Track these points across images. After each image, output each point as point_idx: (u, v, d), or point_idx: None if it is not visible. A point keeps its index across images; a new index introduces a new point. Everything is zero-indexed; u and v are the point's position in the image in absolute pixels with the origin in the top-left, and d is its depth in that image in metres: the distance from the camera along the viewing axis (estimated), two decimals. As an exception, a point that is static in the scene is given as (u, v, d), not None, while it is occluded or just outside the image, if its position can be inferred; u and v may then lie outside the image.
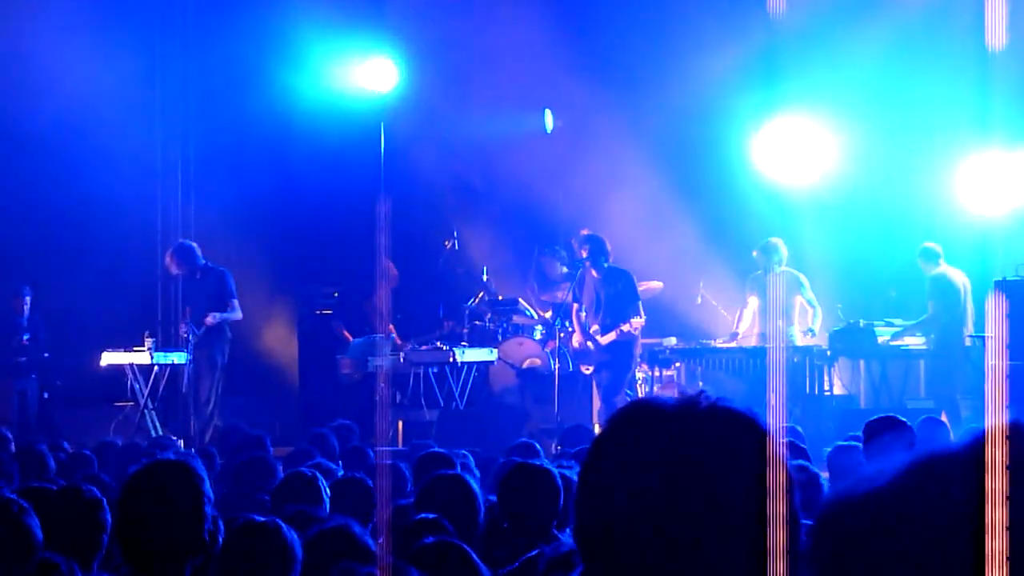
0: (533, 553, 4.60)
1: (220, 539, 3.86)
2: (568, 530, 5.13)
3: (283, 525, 4.17)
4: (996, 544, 1.36)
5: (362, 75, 15.70)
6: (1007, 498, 1.41)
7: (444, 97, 16.36)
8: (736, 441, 1.73)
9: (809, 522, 1.65)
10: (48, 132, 15.29)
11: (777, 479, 1.68)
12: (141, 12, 16.66)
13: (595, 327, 13.75)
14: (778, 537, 1.65)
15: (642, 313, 13.74)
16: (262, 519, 4.21)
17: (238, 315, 14.06)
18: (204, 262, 14.09)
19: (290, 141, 16.56)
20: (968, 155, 15.24)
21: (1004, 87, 14.29)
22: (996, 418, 1.51)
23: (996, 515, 1.38)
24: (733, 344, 14.59)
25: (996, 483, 1.41)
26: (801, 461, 6.65)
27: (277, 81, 16.22)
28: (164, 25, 16.90)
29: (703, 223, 16.20)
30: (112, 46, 15.90)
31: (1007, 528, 1.40)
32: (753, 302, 14.64)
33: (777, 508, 1.66)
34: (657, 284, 15.33)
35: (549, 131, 17.10)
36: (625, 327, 13.53)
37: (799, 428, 9.58)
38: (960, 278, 14.23)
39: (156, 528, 3.78)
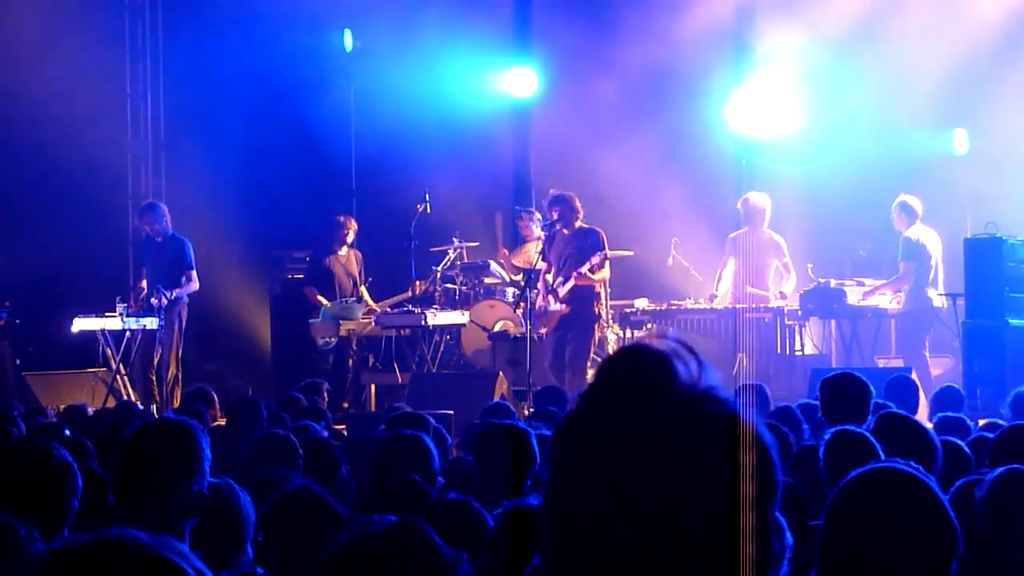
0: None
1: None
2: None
3: (236, 486, 4.16)
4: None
5: (334, 38, 15.65)
6: None
7: (408, 54, 16.30)
8: (731, 442, 1.55)
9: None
10: (15, 97, 15.20)
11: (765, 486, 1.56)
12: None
13: (558, 280, 13.40)
14: (746, 549, 1.53)
15: (607, 257, 13.30)
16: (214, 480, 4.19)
17: (196, 286, 14.04)
18: (168, 228, 14.03)
19: (261, 107, 16.52)
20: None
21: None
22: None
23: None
24: (706, 305, 14.59)
25: None
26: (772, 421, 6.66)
27: (248, 47, 16.14)
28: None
29: (677, 183, 16.17)
30: (83, 10, 15.83)
31: None
32: (732, 263, 14.56)
33: (747, 519, 1.54)
34: (627, 253, 15.11)
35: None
36: (584, 268, 13.14)
37: (765, 388, 9.51)
38: (932, 238, 14.25)
39: (160, 485, 3.68)
